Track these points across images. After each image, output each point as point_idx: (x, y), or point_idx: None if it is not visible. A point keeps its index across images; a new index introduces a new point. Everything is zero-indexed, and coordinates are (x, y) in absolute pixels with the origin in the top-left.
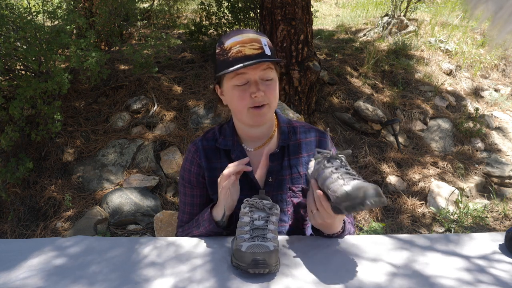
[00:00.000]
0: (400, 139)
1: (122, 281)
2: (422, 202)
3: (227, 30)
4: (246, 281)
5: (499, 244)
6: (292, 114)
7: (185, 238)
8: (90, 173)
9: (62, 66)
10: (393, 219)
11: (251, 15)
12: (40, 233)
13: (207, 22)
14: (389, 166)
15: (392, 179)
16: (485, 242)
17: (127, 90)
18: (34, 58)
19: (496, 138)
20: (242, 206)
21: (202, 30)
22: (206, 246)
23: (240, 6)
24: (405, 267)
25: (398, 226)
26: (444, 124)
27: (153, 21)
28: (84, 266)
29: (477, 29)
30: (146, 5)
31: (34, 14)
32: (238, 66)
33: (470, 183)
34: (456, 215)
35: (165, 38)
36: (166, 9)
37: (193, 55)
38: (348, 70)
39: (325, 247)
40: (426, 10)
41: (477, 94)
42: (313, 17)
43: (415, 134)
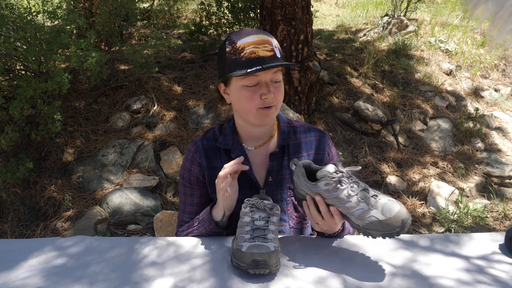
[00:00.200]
0: (400, 139)
1: (122, 281)
2: (422, 202)
3: (227, 30)
4: (246, 281)
5: (499, 244)
6: (292, 114)
7: (185, 238)
8: (90, 173)
9: (62, 66)
10: None
11: (251, 15)
12: (40, 233)
13: (207, 22)
14: (389, 166)
15: (392, 179)
16: (485, 242)
17: (127, 90)
18: (34, 58)
19: (496, 138)
20: (243, 206)
21: (202, 30)
22: (206, 246)
23: (240, 6)
24: (405, 267)
25: None
26: (444, 124)
27: (153, 21)
28: (84, 266)
29: (477, 29)
30: (146, 5)
31: (34, 14)
32: (257, 68)
33: (470, 183)
34: (456, 215)
35: (165, 38)
36: (166, 9)
37: (193, 55)
38: (348, 70)
39: (325, 247)
40: (426, 10)
41: (477, 94)
42: (313, 17)
43: (415, 134)
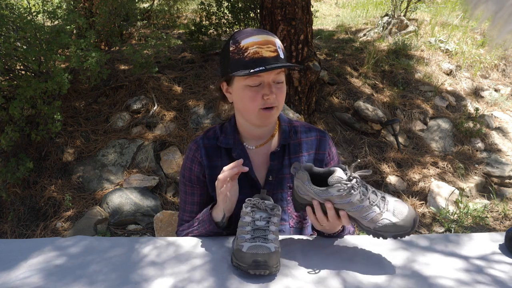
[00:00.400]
0: (400, 139)
1: (122, 281)
2: (422, 202)
3: (227, 30)
4: (246, 281)
5: (499, 244)
6: (292, 114)
7: (185, 238)
8: (90, 173)
9: (62, 66)
10: None
11: (251, 15)
12: (40, 233)
13: (207, 22)
14: (389, 166)
15: (392, 179)
16: (485, 242)
17: (127, 90)
18: (34, 58)
19: (496, 138)
20: (243, 205)
21: (202, 30)
22: (206, 246)
23: (240, 6)
24: (404, 267)
25: None
26: (444, 124)
27: (153, 21)
28: (84, 266)
29: (477, 29)
30: (146, 5)
31: (34, 14)
32: (261, 68)
33: (470, 183)
34: (456, 215)
35: (165, 38)
36: (166, 9)
37: (193, 55)
38: (348, 70)
39: (325, 247)
40: (426, 10)
41: (477, 94)
42: (313, 17)
43: (415, 134)
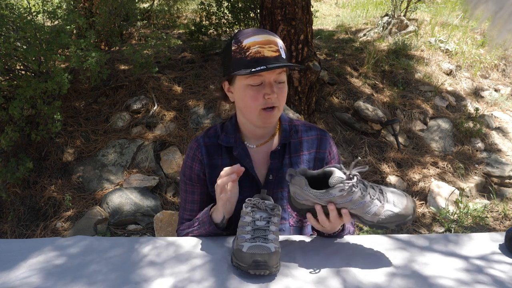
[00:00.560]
0: (400, 139)
1: (122, 281)
2: (422, 202)
3: (227, 30)
4: (246, 281)
5: (499, 244)
6: (292, 114)
7: (185, 238)
8: (90, 173)
9: (62, 66)
10: None
11: (251, 15)
12: (40, 233)
13: (207, 22)
14: (389, 166)
15: (392, 179)
16: (484, 242)
17: (127, 90)
18: (34, 58)
19: (496, 138)
20: (244, 205)
21: (202, 30)
22: (206, 246)
23: (240, 6)
24: (404, 267)
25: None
26: (444, 124)
27: (153, 21)
28: (84, 266)
29: (477, 29)
30: (146, 5)
31: (34, 14)
32: (262, 68)
33: (470, 183)
34: (456, 215)
35: (165, 38)
36: (166, 9)
37: (193, 55)
38: (348, 70)
39: (325, 247)
40: (426, 10)
41: (477, 94)
42: (313, 17)
43: (415, 134)
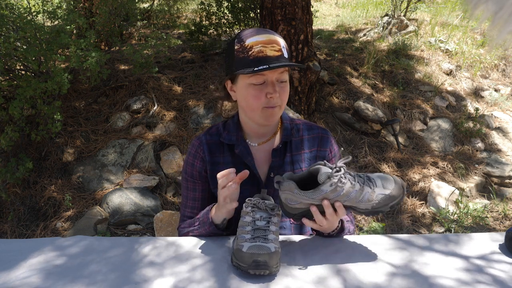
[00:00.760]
0: (400, 139)
1: (122, 281)
2: (422, 202)
3: (227, 30)
4: (246, 281)
5: (499, 244)
6: (292, 114)
7: (185, 238)
8: (90, 173)
9: (62, 66)
10: (393, 219)
11: (251, 15)
12: (40, 233)
13: (207, 22)
14: (389, 166)
15: None
16: (485, 242)
17: (127, 90)
18: (34, 58)
19: (496, 138)
20: (244, 205)
21: (202, 30)
22: (206, 246)
23: (240, 6)
24: (404, 267)
25: (398, 226)
26: (444, 124)
27: (153, 21)
28: (84, 266)
29: (477, 29)
30: (146, 5)
31: (34, 14)
32: (264, 67)
33: (470, 183)
34: (456, 215)
35: (165, 38)
36: (166, 9)
37: (193, 55)
38: (348, 70)
39: (325, 247)
40: (426, 10)
41: (477, 94)
42: (313, 17)
43: (415, 134)
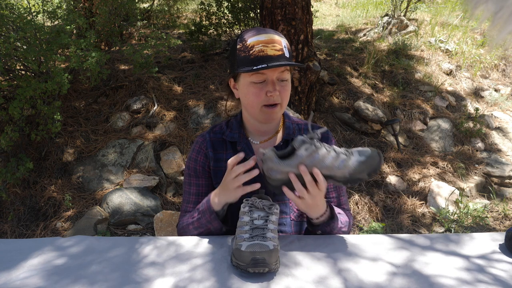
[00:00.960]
0: (400, 139)
1: (123, 280)
2: (422, 202)
3: (227, 30)
4: (246, 280)
5: (499, 244)
6: (292, 114)
7: (185, 237)
8: (90, 173)
9: (62, 66)
10: (393, 219)
11: (251, 15)
12: (40, 233)
13: (207, 22)
14: (389, 166)
15: (392, 179)
16: (485, 242)
17: (127, 90)
18: (34, 58)
19: (496, 138)
20: (241, 205)
21: (202, 30)
22: (206, 246)
23: (240, 6)
24: (405, 267)
25: (398, 226)
26: (444, 124)
27: (153, 21)
28: (84, 266)
29: (477, 29)
30: (146, 5)
31: (34, 14)
32: (263, 66)
33: (470, 183)
34: (456, 215)
35: (165, 38)
36: (166, 9)
37: (193, 55)
38: (348, 70)
39: (325, 247)
40: (426, 10)
41: (477, 94)
42: (313, 17)
43: (415, 134)
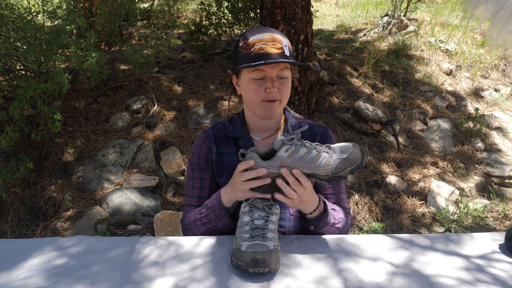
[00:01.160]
0: (400, 139)
1: (123, 280)
2: (422, 202)
3: (227, 30)
4: (246, 280)
5: (499, 244)
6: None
7: (185, 238)
8: (90, 173)
9: (62, 66)
10: (393, 219)
11: (251, 15)
12: (40, 233)
13: (207, 22)
14: (389, 166)
15: (392, 179)
16: (485, 242)
17: (127, 90)
18: (34, 58)
19: (496, 138)
20: (242, 205)
21: (202, 30)
22: (206, 246)
23: (240, 6)
24: (405, 267)
25: (398, 226)
26: (444, 124)
27: (153, 21)
28: (84, 266)
29: (477, 29)
30: (146, 5)
31: (34, 14)
32: (260, 62)
33: (470, 183)
34: (456, 215)
35: (165, 38)
36: (166, 9)
37: (193, 55)
38: (348, 70)
39: (325, 247)
40: (426, 10)
41: (477, 94)
42: (313, 17)
43: (415, 134)
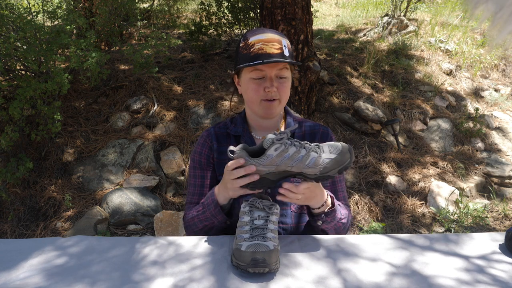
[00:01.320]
0: (400, 139)
1: (123, 280)
2: (422, 202)
3: (227, 30)
4: (246, 280)
5: (499, 244)
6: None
7: (185, 238)
8: (90, 173)
9: (62, 66)
10: (393, 219)
11: (251, 15)
12: (40, 233)
13: (207, 22)
14: (389, 166)
15: (392, 179)
16: (485, 242)
17: (127, 90)
18: (34, 58)
19: (496, 138)
20: (242, 205)
21: (202, 30)
22: (206, 246)
23: (240, 6)
24: (404, 267)
25: (398, 226)
26: (444, 124)
27: (153, 21)
28: (84, 266)
29: (477, 29)
30: (146, 5)
31: (34, 14)
32: (258, 62)
33: (470, 183)
34: (456, 215)
35: (165, 38)
36: (166, 9)
37: (193, 55)
38: (348, 70)
39: (325, 247)
40: (426, 10)
41: (477, 94)
42: (313, 17)
43: (415, 134)
